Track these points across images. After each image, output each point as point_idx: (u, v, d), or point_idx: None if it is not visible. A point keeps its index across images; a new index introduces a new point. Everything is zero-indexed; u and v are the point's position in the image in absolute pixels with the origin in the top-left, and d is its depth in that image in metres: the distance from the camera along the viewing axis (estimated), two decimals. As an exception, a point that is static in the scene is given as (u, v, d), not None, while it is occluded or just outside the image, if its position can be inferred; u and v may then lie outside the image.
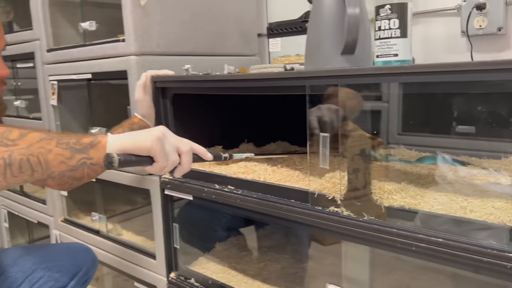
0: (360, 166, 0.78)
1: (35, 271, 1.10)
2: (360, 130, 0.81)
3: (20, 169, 0.62)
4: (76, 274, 1.16)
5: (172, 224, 1.18)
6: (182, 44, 1.27)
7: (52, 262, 1.13)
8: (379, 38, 0.87)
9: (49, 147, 0.64)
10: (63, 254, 1.18)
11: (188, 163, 0.76)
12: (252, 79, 0.90)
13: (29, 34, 1.58)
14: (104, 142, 0.68)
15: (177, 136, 0.77)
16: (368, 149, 0.81)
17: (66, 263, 1.15)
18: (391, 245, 0.72)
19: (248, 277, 1.15)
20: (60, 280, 1.13)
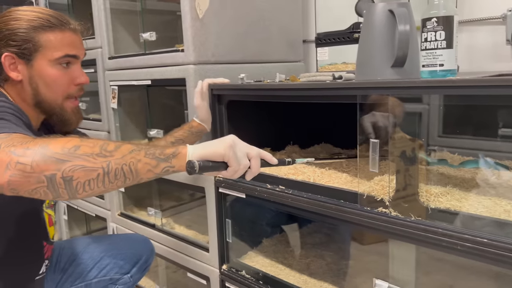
0: (402, 168, 0.84)
1: (102, 258, 1.24)
2: (401, 132, 0.87)
3: (115, 177, 0.71)
4: (137, 261, 1.29)
5: (225, 219, 1.28)
6: (233, 52, 1.37)
7: (117, 250, 1.27)
8: (425, 49, 0.92)
9: (138, 157, 0.73)
10: (126, 244, 1.31)
11: (257, 167, 0.83)
12: (305, 89, 0.98)
13: (91, 43, 1.72)
14: (184, 152, 0.76)
15: (246, 143, 0.84)
16: (410, 151, 0.86)
17: (128, 252, 1.28)
18: (437, 243, 0.78)
19: (295, 271, 1.23)
20: (124, 267, 1.26)
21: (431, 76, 0.89)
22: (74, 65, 1.00)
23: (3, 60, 0.94)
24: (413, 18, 0.88)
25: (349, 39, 1.14)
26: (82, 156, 0.68)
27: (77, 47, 1.00)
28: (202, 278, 1.39)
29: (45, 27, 0.94)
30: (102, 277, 1.23)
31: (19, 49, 0.94)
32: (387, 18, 0.84)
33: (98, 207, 1.90)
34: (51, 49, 0.95)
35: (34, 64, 0.95)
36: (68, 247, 1.25)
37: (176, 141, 1.21)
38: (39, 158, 0.66)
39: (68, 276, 1.20)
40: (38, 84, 0.96)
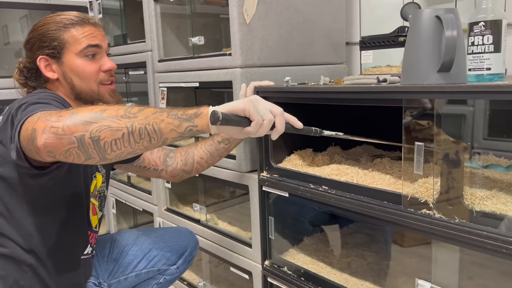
0: (446, 171, 0.85)
1: (151, 250, 1.32)
2: (448, 137, 0.88)
3: (140, 136, 0.76)
4: (183, 253, 1.36)
5: (268, 217, 1.33)
6: (278, 56, 1.41)
7: (164, 242, 1.34)
8: (472, 53, 0.93)
9: (161, 118, 0.77)
10: (172, 236, 1.38)
11: (281, 125, 0.86)
12: (350, 92, 1.01)
13: (142, 46, 1.82)
14: (206, 112, 0.80)
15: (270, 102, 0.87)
16: (454, 154, 0.87)
17: (175, 244, 1.35)
18: (481, 246, 0.79)
19: (336, 270, 1.26)
20: (171, 259, 1.33)
21: (477, 80, 0.90)
22: (99, 54, 1.09)
23: (39, 63, 1.05)
24: (460, 24, 0.89)
25: (394, 43, 1.15)
26: (107, 118, 0.75)
27: (98, 38, 1.08)
28: (244, 273, 1.44)
29: (67, 25, 1.05)
30: (150, 268, 1.31)
31: (50, 50, 1.05)
32: (434, 24, 0.86)
33: (146, 202, 2.00)
34: (75, 43, 1.05)
35: (64, 61, 1.06)
36: (119, 239, 1.34)
37: (223, 140, 1.28)
38: (69, 121, 0.74)
39: (120, 266, 1.29)
40: (72, 77, 1.06)
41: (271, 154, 1.29)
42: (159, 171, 1.30)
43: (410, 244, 1.34)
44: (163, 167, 1.29)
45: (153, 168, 1.29)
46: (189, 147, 1.30)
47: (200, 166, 1.31)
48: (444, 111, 0.84)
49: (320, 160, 1.31)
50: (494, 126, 1.18)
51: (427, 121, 0.85)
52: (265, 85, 1.24)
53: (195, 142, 1.33)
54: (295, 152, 1.35)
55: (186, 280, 1.83)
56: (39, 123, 0.76)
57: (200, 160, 1.28)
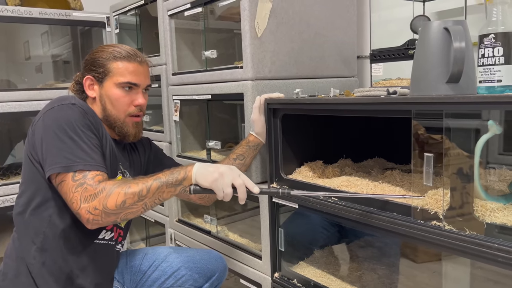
0: (459, 185, 0.85)
1: (180, 268, 1.33)
2: (457, 149, 0.87)
3: (151, 207, 1.06)
4: (211, 277, 1.36)
5: (278, 228, 1.32)
6: (289, 69, 1.43)
7: (194, 263, 1.34)
8: (483, 65, 0.93)
9: (163, 190, 1.04)
10: (202, 259, 1.37)
11: (243, 193, 1.05)
12: (360, 103, 1.01)
13: (156, 60, 1.86)
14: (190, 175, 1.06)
15: (235, 173, 1.05)
16: (466, 167, 0.86)
17: (204, 267, 1.35)
18: (493, 259, 0.77)
19: (346, 283, 1.25)
20: (198, 281, 1.33)
21: (488, 92, 0.90)
22: (136, 90, 1.21)
23: (84, 81, 1.21)
24: (469, 35, 0.89)
25: (404, 56, 1.16)
26: (129, 207, 1.01)
27: (139, 76, 1.20)
28: (254, 285, 1.43)
29: (117, 57, 1.19)
30: (177, 286, 1.31)
31: (96, 73, 1.19)
32: (443, 36, 0.87)
33: (158, 213, 2.02)
34: (118, 75, 1.18)
35: (104, 85, 1.19)
36: (151, 253, 1.36)
37: (238, 157, 1.32)
38: (104, 214, 1.00)
39: (147, 278, 1.31)
40: (106, 101, 1.19)
41: (281, 166, 1.30)
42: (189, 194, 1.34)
43: (423, 260, 1.32)
44: None
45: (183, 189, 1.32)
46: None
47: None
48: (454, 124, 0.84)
49: (330, 172, 1.31)
50: (509, 141, 1.17)
51: (436, 132, 0.84)
52: (275, 97, 1.26)
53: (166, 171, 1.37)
54: (305, 164, 1.35)
55: (196, 292, 1.83)
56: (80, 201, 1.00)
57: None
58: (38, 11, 2.12)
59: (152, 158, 1.39)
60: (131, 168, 1.29)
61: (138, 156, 1.35)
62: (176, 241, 1.88)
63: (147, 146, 1.40)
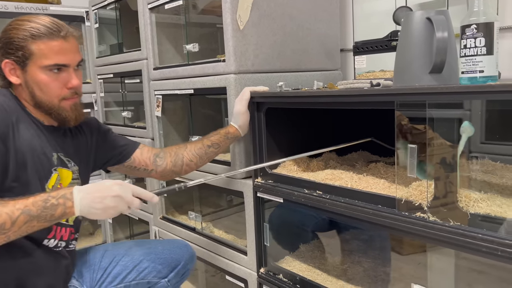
0: (442, 175, 0.84)
1: (142, 261, 1.28)
2: (441, 139, 0.87)
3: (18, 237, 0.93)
4: (176, 267, 1.32)
5: (263, 223, 1.31)
6: (272, 62, 1.41)
7: (156, 255, 1.30)
8: (465, 56, 0.92)
9: (32, 225, 0.91)
10: (165, 249, 1.34)
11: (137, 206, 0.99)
12: (343, 95, 1.00)
13: (137, 54, 1.83)
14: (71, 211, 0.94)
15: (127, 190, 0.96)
16: (450, 158, 0.86)
17: (167, 257, 1.31)
18: (477, 249, 0.77)
19: (332, 277, 1.24)
20: (162, 272, 1.29)
21: (470, 83, 0.89)
22: (65, 70, 1.07)
23: (3, 66, 1.05)
24: (451, 25, 0.89)
25: (387, 47, 1.15)
26: None
27: (67, 55, 1.06)
28: (240, 281, 1.42)
29: (35, 36, 1.02)
30: (140, 280, 1.26)
31: (16, 56, 1.04)
32: (425, 26, 0.86)
33: (141, 210, 1.98)
34: (42, 57, 1.03)
35: (28, 70, 1.05)
36: (112, 249, 1.31)
37: (212, 145, 1.28)
38: None
39: (108, 275, 1.25)
40: (33, 88, 1.05)
41: (265, 160, 1.28)
42: (149, 171, 1.30)
43: (409, 252, 1.33)
44: (153, 167, 1.28)
45: (143, 168, 1.29)
46: (178, 148, 1.30)
47: (189, 168, 1.31)
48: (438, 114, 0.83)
49: (315, 165, 1.30)
50: (491, 130, 1.18)
51: (419, 123, 0.84)
52: (260, 90, 1.24)
53: (184, 143, 1.32)
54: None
55: (182, 290, 1.81)
56: None
57: (190, 163, 1.29)
58: (14, 5, 2.05)
59: (100, 142, 1.26)
60: (76, 155, 1.17)
61: (85, 138, 1.22)
62: (160, 238, 1.86)
63: (95, 127, 1.26)
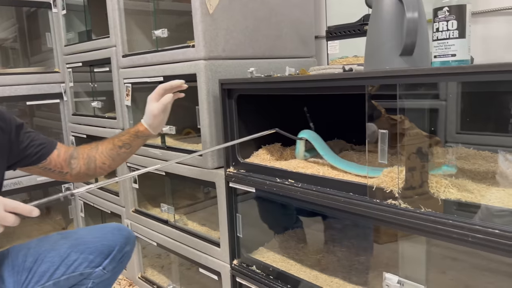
0: (417, 164, 0.83)
1: (69, 254, 1.16)
2: (417, 129, 0.85)
3: None
4: (110, 253, 1.21)
5: (236, 214, 1.28)
6: (244, 48, 1.37)
7: (85, 245, 1.19)
8: (437, 39, 0.90)
9: None
10: (95, 237, 1.23)
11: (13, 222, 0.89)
12: (313, 80, 0.97)
13: (106, 42, 1.75)
14: None
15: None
16: (425, 148, 0.84)
17: (98, 245, 1.20)
18: (447, 235, 0.76)
19: (306, 267, 1.22)
20: (94, 261, 1.19)
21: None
22: None
23: None
24: (422, 6, 0.86)
25: (360, 32, 1.13)
26: None
27: None
28: (213, 273, 1.39)
29: None
30: (70, 273, 1.16)
31: None
32: (396, 7, 0.83)
33: (113, 204, 1.93)
34: None
35: None
36: (36, 246, 1.19)
37: (124, 145, 1.21)
38: None
39: (33, 274, 1.14)
40: None
41: (237, 149, 1.25)
42: (64, 174, 1.22)
43: (385, 240, 1.31)
44: (68, 170, 1.21)
45: (59, 171, 1.21)
46: (90, 150, 1.22)
47: (103, 170, 1.24)
48: (408, 98, 0.81)
49: (288, 154, 1.27)
50: (466, 120, 1.18)
51: (390, 108, 0.81)
52: (174, 85, 1.16)
53: (95, 144, 1.23)
54: (263, 147, 1.31)
55: (156, 284, 1.76)
56: None
57: (103, 165, 1.22)
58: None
59: (14, 139, 1.15)
60: None
61: None
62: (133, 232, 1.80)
63: (8, 123, 1.14)
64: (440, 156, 1.05)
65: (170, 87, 1.17)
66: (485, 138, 1.15)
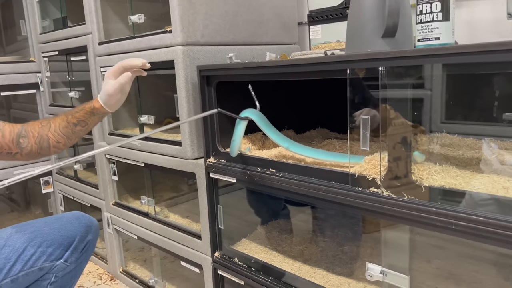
0: (396, 148, 0.80)
1: (26, 249, 1.10)
2: (402, 118, 0.82)
3: None
4: (70, 244, 1.15)
5: (217, 205, 1.24)
6: (224, 34, 1.32)
7: (42, 238, 1.13)
8: (421, 22, 0.87)
9: None
10: (53, 229, 1.16)
11: None
12: (294, 65, 0.93)
13: (81, 29, 1.69)
14: None
15: None
16: (410, 138, 0.82)
17: (56, 237, 1.14)
18: (431, 223, 0.73)
19: (289, 258, 1.19)
20: (54, 254, 1.12)
21: (426, 49, 0.84)
22: None
23: None
24: (405, -13, 0.83)
25: (342, 16, 1.09)
26: None
27: None
28: (195, 266, 1.35)
29: None
30: (29, 269, 1.09)
31: None
32: (378, -14, 0.79)
33: (93, 197, 1.87)
34: None
35: None
36: None
37: (79, 123, 1.11)
38: None
39: None
40: None
41: (218, 139, 1.21)
42: (13, 154, 1.12)
43: (370, 230, 1.29)
44: (17, 150, 1.11)
45: (6, 152, 1.11)
46: (41, 128, 1.12)
47: (57, 149, 1.15)
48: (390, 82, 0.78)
49: (270, 143, 1.24)
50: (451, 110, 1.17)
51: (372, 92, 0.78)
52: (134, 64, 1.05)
53: (47, 121, 1.12)
54: (244, 136, 1.27)
55: (137, 278, 1.72)
56: None
57: (57, 144, 1.13)
58: None
59: None
60: None
61: None
62: (113, 225, 1.76)
63: None
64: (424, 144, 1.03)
65: (130, 66, 1.06)
66: (469, 128, 1.14)
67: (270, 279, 1.10)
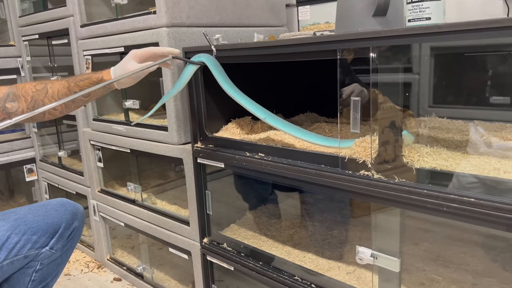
0: (387, 130, 0.78)
1: (10, 237, 1.06)
2: (390, 102, 0.80)
3: None
4: (56, 231, 1.12)
5: (205, 191, 1.22)
6: (210, 15, 1.28)
7: (26, 225, 1.09)
8: (411, 2, 0.85)
9: None
10: (37, 216, 1.12)
11: None
12: (283, 45, 0.90)
13: (62, 11, 1.63)
14: None
15: None
16: (398, 121, 0.80)
17: (41, 224, 1.11)
18: (422, 206, 0.72)
19: (278, 243, 1.18)
20: (39, 241, 1.09)
21: (417, 29, 0.83)
22: None
23: None
24: (396, -36, 0.80)
25: (331, -5, 1.06)
26: None
27: None
28: (183, 252, 1.34)
29: None
30: (14, 257, 1.06)
31: None
32: (368, -37, 0.77)
33: (78, 184, 1.84)
34: None
35: None
36: None
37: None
38: None
39: None
40: None
41: (205, 123, 1.18)
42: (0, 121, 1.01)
43: (359, 214, 1.29)
44: (4, 116, 1.05)
45: None
46: (36, 93, 1.04)
47: (52, 116, 1.10)
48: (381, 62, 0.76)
49: (259, 128, 1.21)
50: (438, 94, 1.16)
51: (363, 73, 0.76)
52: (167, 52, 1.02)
53: (44, 84, 1.04)
54: (233, 120, 1.24)
55: (125, 265, 1.70)
56: None
57: (53, 112, 1.07)
58: None
59: None
60: None
61: None
62: (100, 213, 1.73)
63: None
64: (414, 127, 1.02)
65: (162, 52, 1.02)
66: (457, 111, 1.14)
67: (259, 264, 1.09)
